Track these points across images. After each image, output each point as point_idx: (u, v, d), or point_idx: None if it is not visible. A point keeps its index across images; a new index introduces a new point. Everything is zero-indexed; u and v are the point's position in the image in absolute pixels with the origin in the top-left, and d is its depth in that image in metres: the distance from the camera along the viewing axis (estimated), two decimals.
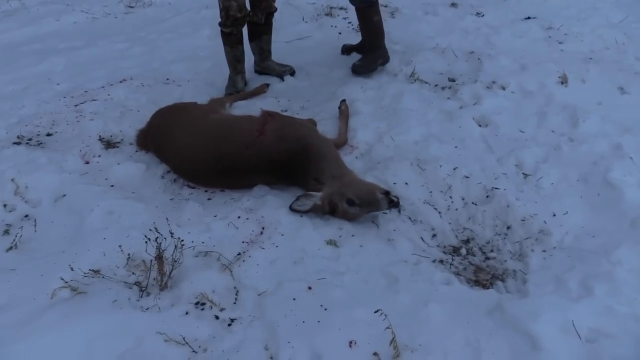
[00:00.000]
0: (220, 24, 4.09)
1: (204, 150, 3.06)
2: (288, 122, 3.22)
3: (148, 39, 5.59)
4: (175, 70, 4.79)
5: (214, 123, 3.20)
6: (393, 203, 2.73)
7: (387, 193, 2.76)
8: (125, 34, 5.86)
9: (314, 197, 2.85)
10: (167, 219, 2.71)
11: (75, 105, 4.14)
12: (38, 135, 3.76)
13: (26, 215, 2.99)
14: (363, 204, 2.77)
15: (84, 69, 4.96)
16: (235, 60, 4.23)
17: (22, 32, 5.94)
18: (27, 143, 3.64)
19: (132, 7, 6.69)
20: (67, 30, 6.17)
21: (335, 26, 5.71)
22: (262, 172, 3.08)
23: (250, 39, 4.41)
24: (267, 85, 4.31)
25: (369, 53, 4.47)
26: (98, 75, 4.81)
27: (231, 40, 4.12)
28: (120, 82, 4.60)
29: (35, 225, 2.89)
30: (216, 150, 3.04)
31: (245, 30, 4.24)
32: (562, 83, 4.33)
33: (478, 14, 5.99)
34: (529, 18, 5.80)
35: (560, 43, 5.16)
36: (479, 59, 4.72)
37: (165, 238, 2.43)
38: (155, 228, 2.47)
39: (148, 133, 3.41)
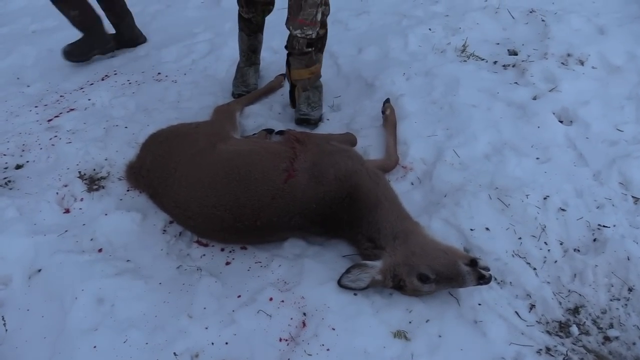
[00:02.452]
0: (237, 3, 3.18)
1: (215, 205, 2.28)
2: (324, 152, 2.40)
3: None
4: (166, 57, 3.91)
5: (225, 162, 2.37)
6: (483, 279, 1.98)
7: (473, 263, 2.00)
8: None
9: (372, 269, 2.09)
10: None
11: (49, 120, 3.33)
12: (5, 168, 2.99)
13: None
14: (441, 279, 2.02)
15: (59, 60, 4.07)
16: (250, 51, 3.33)
17: None
18: None
19: None
20: (38, 5, 5.21)
21: None
22: (295, 228, 2.32)
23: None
24: (284, 76, 3.44)
25: (87, 37, 3.88)
26: (75, 68, 3.96)
27: (250, 27, 3.21)
28: (102, 79, 3.76)
29: (4, 321, 2.19)
30: (232, 204, 2.26)
31: None
32: None
33: None
34: None
35: None
36: (542, 20, 3.79)
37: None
38: None
39: (139, 172, 2.61)
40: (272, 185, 2.25)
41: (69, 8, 3.71)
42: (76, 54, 3.86)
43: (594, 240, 2.35)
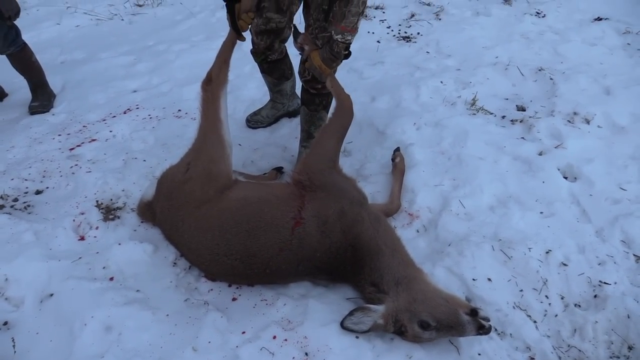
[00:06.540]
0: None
1: (227, 254, 2.36)
2: (331, 199, 2.42)
3: (156, 51, 4.85)
4: (187, 95, 4.06)
5: (235, 211, 2.42)
6: (483, 329, 2.02)
7: (474, 313, 2.05)
8: (132, 42, 5.14)
9: (374, 313, 2.15)
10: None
11: (71, 149, 3.45)
12: (25, 193, 3.10)
13: (5, 323, 2.35)
14: (441, 327, 2.07)
15: (84, 91, 4.27)
16: (272, 85, 3.50)
17: None
18: (11, 206, 2.99)
19: (140, 5, 5.96)
20: (68, 37, 5.46)
21: (373, 32, 4.92)
22: (303, 274, 2.41)
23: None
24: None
25: (41, 93, 4.11)
26: (99, 100, 4.12)
27: (262, 67, 3.36)
28: (125, 112, 3.90)
29: (14, 343, 2.25)
30: (243, 253, 2.33)
31: None
32: None
33: (538, 13, 5.16)
34: (599, 19, 4.95)
35: None
36: (550, 78, 3.93)
37: None
38: None
39: (154, 214, 2.69)
40: (280, 236, 2.31)
41: (31, 53, 4.01)
42: (44, 107, 4.04)
43: (595, 296, 2.39)
